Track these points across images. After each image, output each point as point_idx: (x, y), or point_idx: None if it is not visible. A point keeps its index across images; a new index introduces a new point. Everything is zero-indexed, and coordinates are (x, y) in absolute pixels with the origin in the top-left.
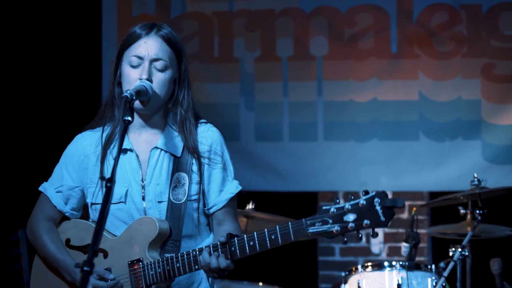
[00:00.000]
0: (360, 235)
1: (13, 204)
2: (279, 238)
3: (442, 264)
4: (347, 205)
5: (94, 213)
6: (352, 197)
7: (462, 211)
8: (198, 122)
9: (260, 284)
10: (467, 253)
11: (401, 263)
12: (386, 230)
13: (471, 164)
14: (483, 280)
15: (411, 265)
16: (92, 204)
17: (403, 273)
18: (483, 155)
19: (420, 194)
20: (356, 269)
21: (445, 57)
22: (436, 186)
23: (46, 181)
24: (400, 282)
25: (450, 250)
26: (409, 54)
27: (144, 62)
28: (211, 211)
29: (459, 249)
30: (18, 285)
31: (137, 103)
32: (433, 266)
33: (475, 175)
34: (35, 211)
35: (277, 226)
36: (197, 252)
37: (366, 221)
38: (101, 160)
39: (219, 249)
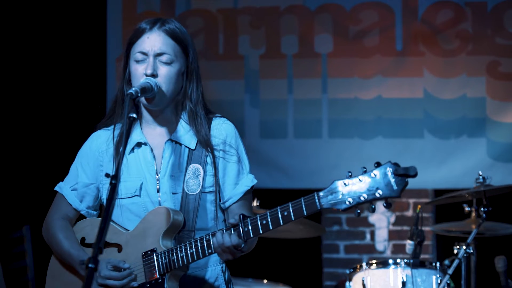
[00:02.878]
0: (373, 207)
1: (18, 201)
2: (292, 214)
3: (446, 262)
4: (359, 176)
5: None
6: (365, 169)
7: (466, 208)
8: (212, 116)
9: (265, 281)
10: (471, 251)
11: (405, 260)
12: (391, 227)
13: (475, 162)
14: (488, 277)
15: (416, 263)
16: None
17: (408, 271)
18: (488, 152)
19: (425, 192)
20: (361, 266)
21: (450, 54)
22: (441, 184)
23: (55, 179)
24: (404, 280)
25: (455, 247)
26: (414, 52)
27: (148, 58)
28: (227, 204)
29: (464, 247)
30: (22, 282)
31: (143, 100)
32: (438, 264)
33: (480, 172)
34: (51, 211)
35: (290, 203)
36: (210, 236)
37: (379, 191)
38: (114, 158)
39: (231, 230)
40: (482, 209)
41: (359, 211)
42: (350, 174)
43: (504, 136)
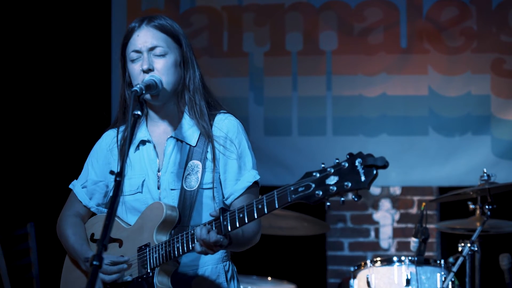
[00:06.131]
0: (342, 199)
1: (22, 198)
2: (265, 207)
3: (451, 259)
4: (330, 168)
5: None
6: (338, 160)
7: (471, 206)
8: (216, 112)
9: (269, 278)
10: (476, 249)
11: (410, 258)
12: (395, 225)
13: (480, 159)
14: (492, 275)
15: (420, 260)
16: None
17: (412, 268)
18: (493, 150)
19: (429, 189)
20: (365, 264)
21: (454, 52)
22: (446, 181)
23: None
24: (409, 277)
25: (459, 245)
26: (419, 49)
27: (143, 54)
28: (229, 201)
29: (468, 244)
30: (27, 279)
31: (147, 96)
32: (442, 261)
33: (485, 170)
34: (64, 208)
35: (264, 196)
36: (194, 230)
37: (347, 183)
38: (120, 158)
39: (213, 224)
40: (487, 206)
41: (329, 203)
42: (323, 165)
43: (509, 134)
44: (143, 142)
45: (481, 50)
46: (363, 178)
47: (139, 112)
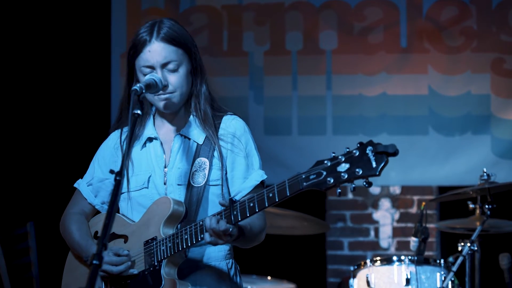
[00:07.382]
0: (353, 185)
1: (22, 198)
2: (276, 195)
3: (451, 259)
4: (341, 156)
5: (121, 203)
6: (348, 148)
7: (471, 205)
8: (223, 114)
9: (269, 278)
10: (476, 248)
11: (410, 257)
12: (395, 224)
13: (480, 159)
14: (492, 275)
15: (420, 260)
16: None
17: (412, 268)
18: (493, 149)
19: (429, 189)
20: (365, 263)
21: (454, 51)
22: (445, 181)
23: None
24: (409, 277)
25: (459, 244)
26: (419, 49)
27: (156, 70)
28: (236, 198)
29: (468, 244)
30: (27, 278)
31: (159, 106)
32: (442, 261)
33: (485, 169)
34: (68, 206)
35: (275, 184)
36: (203, 221)
37: (358, 169)
38: (122, 157)
39: (223, 214)
40: (487, 206)
41: (339, 190)
42: (333, 154)
43: (509, 133)
44: (150, 139)
45: (481, 50)
46: (374, 165)
47: (139, 112)
